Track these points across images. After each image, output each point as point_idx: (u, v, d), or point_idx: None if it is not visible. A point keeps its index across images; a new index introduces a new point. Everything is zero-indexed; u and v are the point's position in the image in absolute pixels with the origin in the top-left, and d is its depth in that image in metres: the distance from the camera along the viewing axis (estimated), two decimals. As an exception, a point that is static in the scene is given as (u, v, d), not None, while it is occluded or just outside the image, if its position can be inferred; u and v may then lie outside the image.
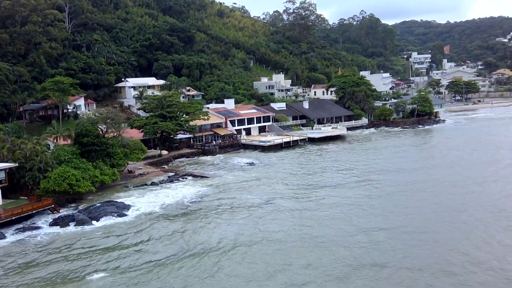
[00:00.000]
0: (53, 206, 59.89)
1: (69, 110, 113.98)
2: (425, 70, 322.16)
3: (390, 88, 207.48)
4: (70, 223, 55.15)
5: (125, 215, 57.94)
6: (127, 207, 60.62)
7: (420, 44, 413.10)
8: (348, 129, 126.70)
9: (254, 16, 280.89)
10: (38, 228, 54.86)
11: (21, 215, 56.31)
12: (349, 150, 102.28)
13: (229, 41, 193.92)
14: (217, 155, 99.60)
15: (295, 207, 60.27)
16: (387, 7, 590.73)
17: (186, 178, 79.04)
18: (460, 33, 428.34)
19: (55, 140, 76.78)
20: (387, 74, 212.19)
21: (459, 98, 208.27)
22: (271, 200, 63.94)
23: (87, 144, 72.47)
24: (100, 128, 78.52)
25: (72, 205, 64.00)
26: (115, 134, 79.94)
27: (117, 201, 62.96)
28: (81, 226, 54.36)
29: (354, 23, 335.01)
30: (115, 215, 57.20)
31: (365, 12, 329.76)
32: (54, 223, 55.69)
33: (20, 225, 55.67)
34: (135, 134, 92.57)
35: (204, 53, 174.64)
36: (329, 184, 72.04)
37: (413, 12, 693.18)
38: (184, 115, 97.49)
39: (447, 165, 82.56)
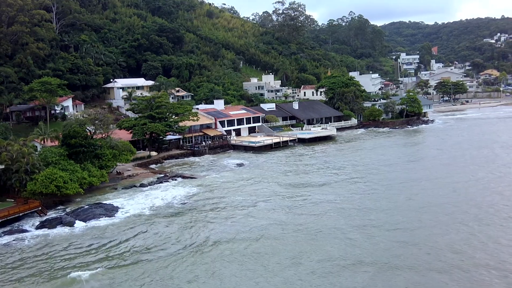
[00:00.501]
0: (40, 208, 58.96)
1: (57, 111, 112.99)
2: (414, 71, 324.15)
3: (379, 89, 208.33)
4: (57, 226, 54.20)
5: (114, 217, 57.16)
6: (116, 209, 59.85)
7: (408, 45, 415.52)
8: (338, 129, 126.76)
9: (244, 17, 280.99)
10: (24, 231, 53.85)
11: (8, 218, 55.36)
12: (339, 150, 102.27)
13: (219, 42, 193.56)
14: (207, 156, 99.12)
15: (285, 207, 59.92)
16: (376, 8, 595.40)
17: (175, 179, 78.36)
18: (448, 34, 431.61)
19: (42, 142, 75.77)
20: (376, 75, 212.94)
21: (447, 98, 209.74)
22: (261, 200, 63.60)
23: (75, 145, 71.54)
24: (88, 129, 77.66)
25: (60, 207, 63.03)
26: (104, 135, 79.09)
27: (105, 203, 62.13)
28: (69, 229, 53.51)
29: (343, 24, 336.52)
30: (104, 217, 56.40)
31: (354, 13, 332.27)
32: (41, 225, 54.74)
33: (7, 228, 54.64)
34: (124, 135, 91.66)
35: (193, 53, 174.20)
36: (319, 184, 71.84)
37: (401, 13, 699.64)
38: (174, 116, 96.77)
39: (440, 165, 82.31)
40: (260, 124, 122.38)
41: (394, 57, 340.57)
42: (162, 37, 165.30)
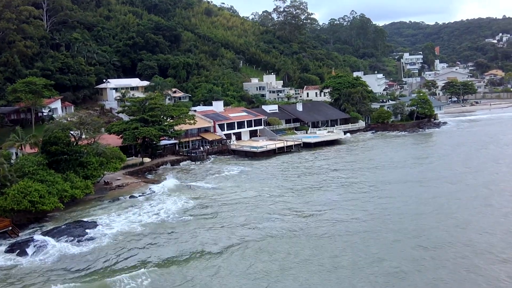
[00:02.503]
0: (10, 228, 50.83)
1: (44, 114, 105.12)
2: (417, 71, 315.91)
3: (384, 90, 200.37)
4: (28, 250, 45.89)
5: (95, 238, 48.87)
6: (99, 227, 51.69)
7: (409, 45, 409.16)
8: (345, 132, 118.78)
9: (243, 17, 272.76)
10: (-11, 256, 45.85)
11: (-29, 241, 47.38)
12: (348, 156, 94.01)
13: (218, 41, 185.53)
14: (205, 162, 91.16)
15: (294, 227, 51.99)
16: (375, 9, 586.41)
17: (170, 186, 70.73)
18: (449, 34, 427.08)
19: (20, 149, 67.73)
20: (381, 75, 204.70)
21: (455, 99, 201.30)
22: (266, 216, 55.71)
23: (56, 153, 63.60)
24: (72, 134, 69.78)
25: (35, 225, 54.72)
26: (90, 141, 71.09)
27: (87, 221, 53.95)
28: (41, 255, 45.27)
29: (345, 23, 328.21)
30: (83, 238, 48.21)
31: (356, 13, 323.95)
32: (10, 250, 46.60)
33: (-30, 252, 46.74)
34: (114, 141, 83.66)
35: (191, 52, 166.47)
36: (330, 198, 63.79)
37: (401, 14, 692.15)
38: (168, 119, 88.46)
39: (472, 180, 71.73)
40: (262, 127, 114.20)
41: (397, 57, 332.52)
42: (158, 36, 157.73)
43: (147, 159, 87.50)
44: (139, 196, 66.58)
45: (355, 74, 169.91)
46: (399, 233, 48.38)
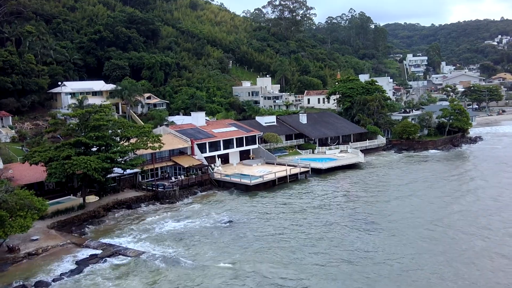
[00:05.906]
0: None
1: (-33, 128, 78.63)
2: (422, 73, 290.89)
3: (393, 95, 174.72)
4: None
5: None
6: None
7: (405, 47, 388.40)
8: (363, 152, 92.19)
9: (233, 13, 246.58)
10: None
11: None
12: (376, 191, 67.83)
13: (203, 37, 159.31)
14: (178, 203, 64.29)
15: None
16: (368, 10, 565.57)
17: (114, 261, 44.13)
18: (445, 36, 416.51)
19: None
20: (390, 79, 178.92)
21: (475, 107, 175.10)
22: None
23: None
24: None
25: None
26: (-13, 181, 44.32)
27: None
28: None
29: (343, 22, 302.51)
30: None
31: (355, 11, 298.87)
32: None
33: None
34: (37, 174, 56.83)
35: (171, 50, 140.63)
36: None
37: (395, 16, 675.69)
38: (123, 141, 61.11)
39: None
40: (256, 146, 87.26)
41: (398, 58, 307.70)
42: (131, 30, 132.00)
43: (92, 198, 60.58)
44: (54, 280, 39.80)
45: (361, 77, 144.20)
46: None
